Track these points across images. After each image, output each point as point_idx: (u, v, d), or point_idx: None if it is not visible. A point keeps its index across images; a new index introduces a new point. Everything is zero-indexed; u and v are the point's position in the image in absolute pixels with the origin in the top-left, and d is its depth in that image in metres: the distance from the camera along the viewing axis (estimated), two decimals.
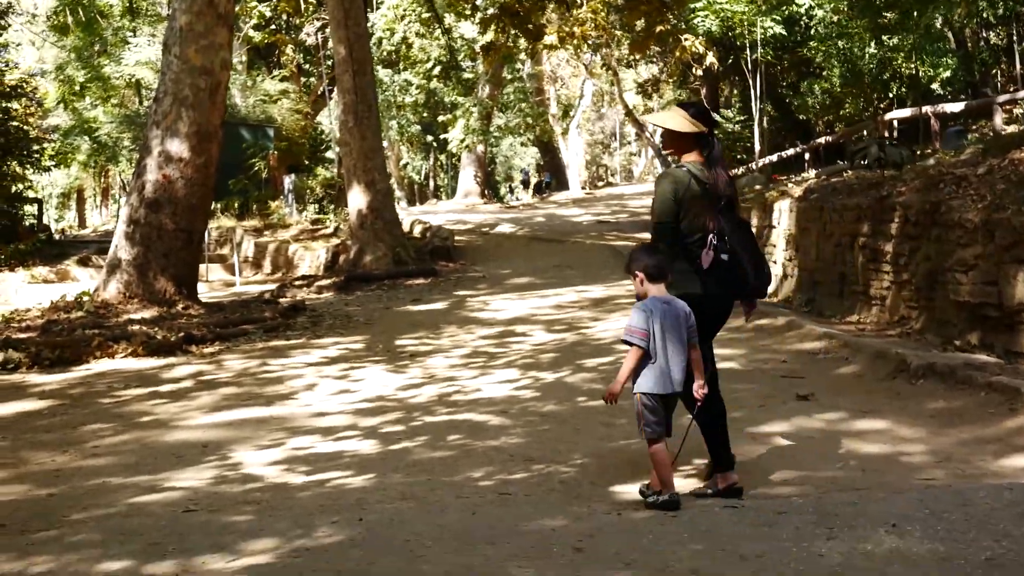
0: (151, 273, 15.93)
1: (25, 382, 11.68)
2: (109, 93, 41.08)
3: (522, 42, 31.70)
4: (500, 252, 25.58)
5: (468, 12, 34.65)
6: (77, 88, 40.68)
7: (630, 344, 5.64)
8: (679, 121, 6.21)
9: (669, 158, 6.87)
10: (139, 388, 10.93)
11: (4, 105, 26.67)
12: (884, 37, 21.40)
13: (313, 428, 8.54)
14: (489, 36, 29.56)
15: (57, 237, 33.23)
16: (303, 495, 6.44)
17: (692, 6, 25.25)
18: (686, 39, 25.63)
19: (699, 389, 5.80)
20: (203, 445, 8.07)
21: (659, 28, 25.35)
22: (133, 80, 38.82)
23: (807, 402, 8.51)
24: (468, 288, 19.51)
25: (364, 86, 22.36)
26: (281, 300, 18.59)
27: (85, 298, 16.06)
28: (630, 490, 6.16)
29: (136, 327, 14.00)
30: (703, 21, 25.06)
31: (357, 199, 22.45)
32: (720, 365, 10.26)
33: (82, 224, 53.25)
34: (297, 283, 22.02)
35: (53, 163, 29.20)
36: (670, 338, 5.61)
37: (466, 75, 45.22)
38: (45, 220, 34.68)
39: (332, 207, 29.59)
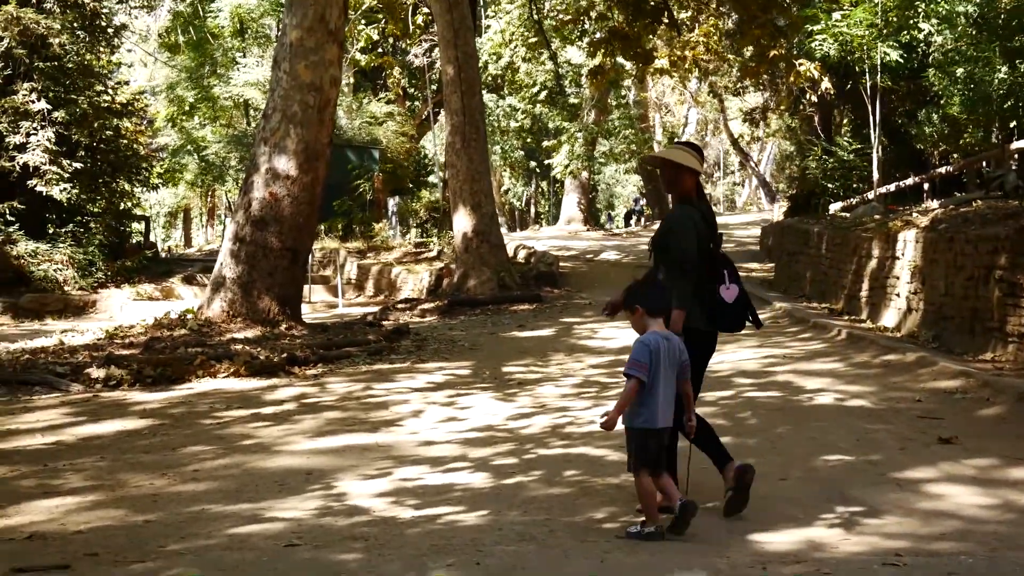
0: (255, 292, 15.72)
1: (126, 400, 11.46)
2: (217, 113, 41.46)
3: (629, 66, 31.30)
4: (606, 279, 25.05)
5: (575, 36, 34.42)
6: (186, 108, 41.10)
7: (630, 377, 5.68)
8: (684, 156, 6.44)
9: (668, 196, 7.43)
10: (241, 409, 10.62)
11: (115, 123, 26.82)
12: (1017, 61, 20.48)
13: (421, 458, 8.10)
14: (596, 60, 29.18)
15: (163, 255, 33.47)
16: (413, 532, 5.99)
17: (810, 28, 24.53)
18: (801, 64, 24.95)
19: (688, 423, 6.00)
20: (307, 472, 7.67)
21: (773, 52, 24.73)
22: (241, 100, 39.07)
23: (951, 445, 7.87)
24: (574, 315, 19.04)
25: (472, 107, 22.06)
26: (384, 323, 18.29)
27: (189, 316, 15.90)
28: (772, 539, 5.63)
29: (239, 346, 13.76)
30: (820, 45, 24.33)
31: (463, 222, 22.12)
32: (850, 403, 9.75)
33: (188, 243, 53.84)
34: (400, 306, 21.75)
35: (161, 181, 29.34)
36: (666, 374, 5.71)
37: (571, 100, 44.84)
38: (152, 238, 35.00)
39: (435, 230, 29.33)
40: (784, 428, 8.81)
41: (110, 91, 26.51)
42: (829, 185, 25.70)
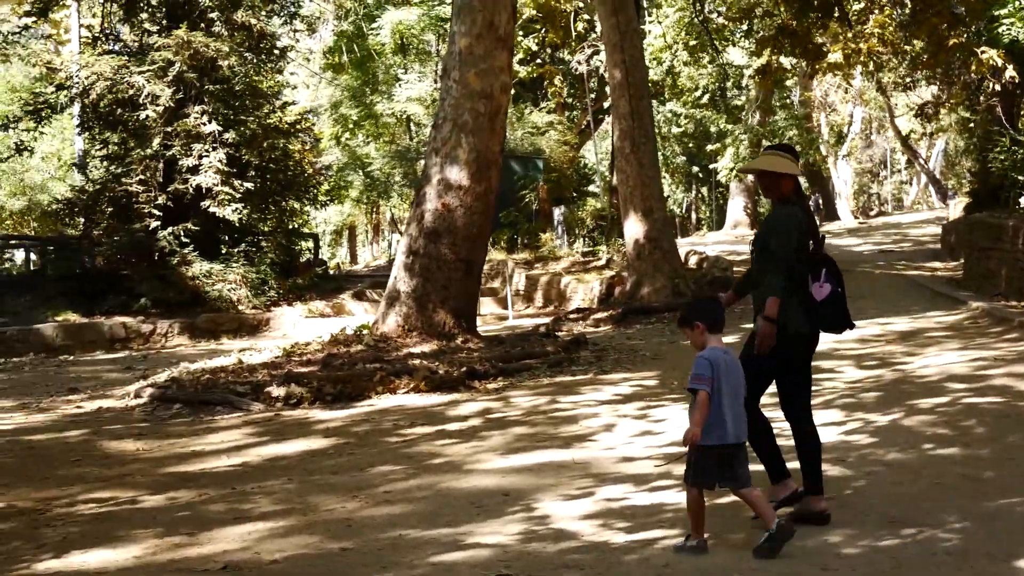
0: (430, 305, 15.44)
1: (308, 418, 11.25)
2: (380, 130, 41.70)
3: (791, 62, 30.35)
4: None
5: (739, 37, 33.62)
6: (350, 126, 41.43)
7: (695, 391, 5.64)
8: (782, 163, 6.39)
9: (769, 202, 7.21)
10: (426, 426, 10.28)
11: (283, 143, 27.02)
12: None
13: (622, 475, 7.60)
14: (762, 59, 28.37)
15: (332, 272, 33.68)
16: (631, 559, 5.52)
17: (995, 13, 23.26)
18: (983, 52, 23.70)
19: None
20: (503, 493, 7.25)
21: (952, 41, 23.58)
22: (404, 116, 39.21)
23: None
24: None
25: (641, 111, 21.52)
26: (559, 334, 17.85)
27: (364, 331, 15.72)
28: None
29: (416, 361, 13.46)
30: (1008, 29, 23.03)
31: (634, 229, 21.58)
32: None
33: (353, 260, 54.32)
34: (572, 316, 21.31)
35: (328, 199, 29.50)
36: (727, 390, 5.65)
37: (735, 102, 43.96)
38: (320, 256, 35.28)
39: (603, 238, 28.80)
40: (1016, 437, 8.06)
41: (277, 111, 26.70)
42: (1020, 177, 24.33)
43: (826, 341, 14.00)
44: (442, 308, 15.39)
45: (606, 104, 41.48)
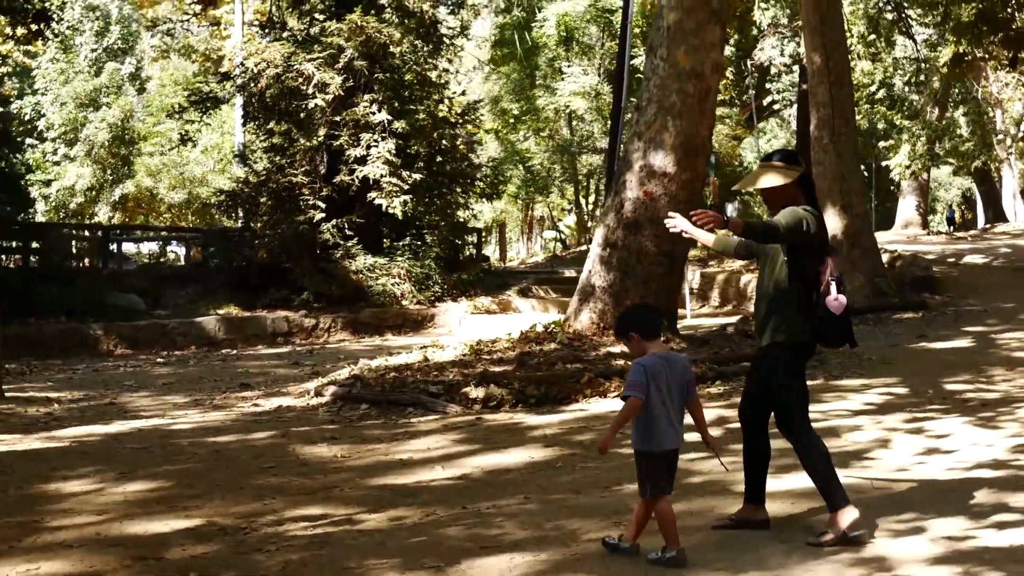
0: (628, 302, 14.08)
1: (516, 423, 10.07)
2: (541, 124, 40.53)
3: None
4: (983, 283, 22.32)
5: (928, 24, 31.70)
6: (510, 120, 40.33)
7: (627, 398, 5.49)
8: (776, 177, 5.95)
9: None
10: None
11: (451, 134, 26.03)
12: None
13: (946, 507, 6.18)
14: (955, 48, 26.50)
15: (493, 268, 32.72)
16: None
17: None
18: None
19: (711, 440, 5.74)
20: (806, 526, 5.91)
21: None
22: (566, 110, 38.03)
23: None
24: (975, 323, 16.61)
25: (841, 98, 19.83)
26: (750, 335, 16.42)
27: (556, 329, 14.48)
28: None
29: (620, 362, 12.15)
30: None
31: (831, 224, 19.94)
32: None
33: (503, 257, 53.42)
34: None
35: (493, 193, 28.45)
36: (669, 395, 5.47)
37: (911, 97, 41.70)
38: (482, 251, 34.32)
39: None
40: None
41: (445, 101, 25.64)
42: None
43: None
44: None
45: (767, 100, 39.93)
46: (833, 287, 5.72)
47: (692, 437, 5.78)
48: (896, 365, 12.68)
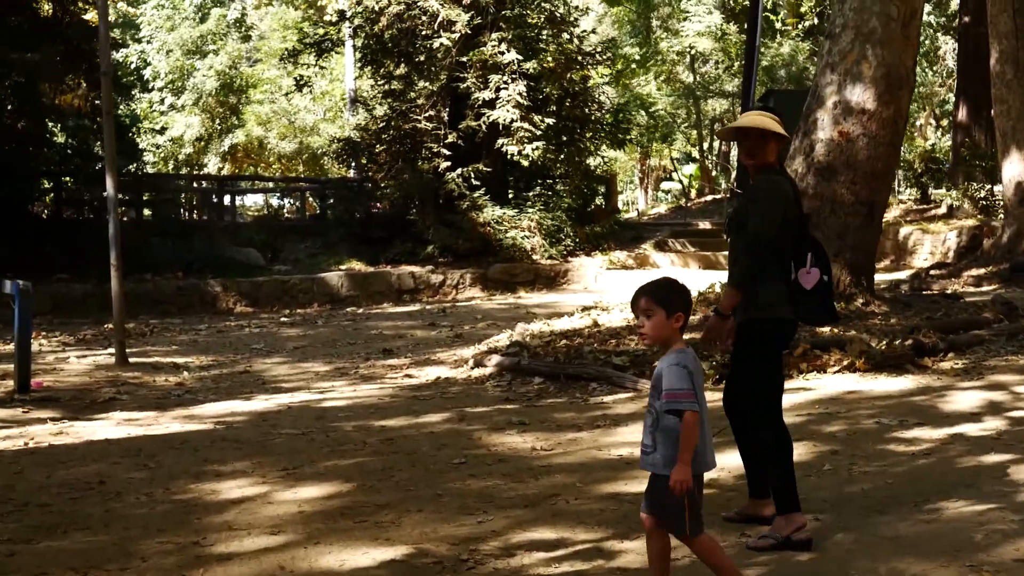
0: None
1: None
2: (662, 68, 38.49)
3: None
4: None
5: None
6: (632, 65, 38.33)
7: (679, 412, 4.12)
8: (772, 123, 5.32)
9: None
10: (926, 427, 7.36)
11: (583, 75, 24.32)
12: None
13: None
14: None
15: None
16: None
17: None
18: None
19: None
20: None
21: None
22: (690, 52, 36.04)
23: None
24: None
25: None
26: (946, 293, 14.68)
27: None
28: None
29: (828, 329, 10.52)
30: None
31: (1016, 169, 17.99)
32: None
33: (615, 209, 51.64)
34: (934, 272, 18.12)
35: (621, 139, 26.69)
36: (702, 402, 4.22)
37: None
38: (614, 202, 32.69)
39: (947, 183, 24.97)
40: None
41: (574, 40, 23.90)
42: None
43: None
44: (836, 262, 12.32)
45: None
46: (808, 259, 5.24)
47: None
48: None
